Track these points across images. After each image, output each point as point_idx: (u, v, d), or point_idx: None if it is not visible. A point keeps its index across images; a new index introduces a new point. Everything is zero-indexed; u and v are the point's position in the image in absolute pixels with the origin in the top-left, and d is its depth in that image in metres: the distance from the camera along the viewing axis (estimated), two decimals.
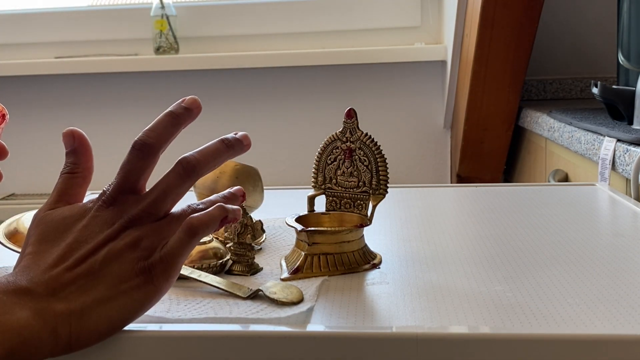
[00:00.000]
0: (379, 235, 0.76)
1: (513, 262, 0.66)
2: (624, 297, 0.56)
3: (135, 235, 0.51)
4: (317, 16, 2.09)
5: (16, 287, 0.47)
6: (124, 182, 0.53)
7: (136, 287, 0.50)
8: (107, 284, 0.49)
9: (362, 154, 0.67)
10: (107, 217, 0.52)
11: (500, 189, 1.02)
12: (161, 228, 0.52)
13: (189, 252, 0.52)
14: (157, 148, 0.53)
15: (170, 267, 0.51)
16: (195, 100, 0.55)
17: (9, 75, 2.08)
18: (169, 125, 0.54)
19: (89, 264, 0.49)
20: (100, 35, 2.13)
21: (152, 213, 0.52)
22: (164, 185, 0.53)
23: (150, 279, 0.50)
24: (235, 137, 0.56)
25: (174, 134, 0.54)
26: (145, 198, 0.52)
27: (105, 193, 0.53)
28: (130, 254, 0.50)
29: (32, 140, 2.14)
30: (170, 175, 0.53)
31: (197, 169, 0.53)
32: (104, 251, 0.50)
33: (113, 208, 0.52)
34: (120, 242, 0.50)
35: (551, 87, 1.98)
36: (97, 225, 0.51)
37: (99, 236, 0.51)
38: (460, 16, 1.76)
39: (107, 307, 0.49)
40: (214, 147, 0.55)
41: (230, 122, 2.07)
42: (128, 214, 0.52)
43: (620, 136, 1.10)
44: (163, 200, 0.52)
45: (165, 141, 0.54)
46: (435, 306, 0.55)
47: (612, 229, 0.81)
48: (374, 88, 2.06)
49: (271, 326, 0.51)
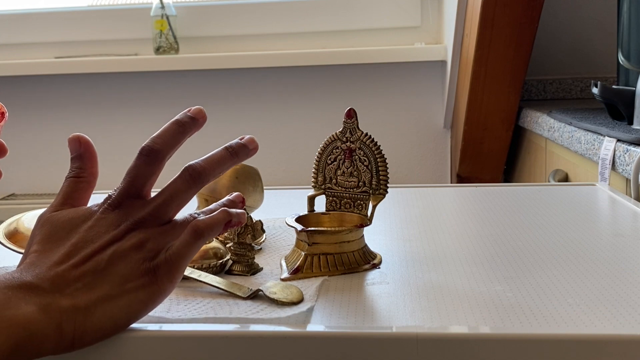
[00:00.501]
0: (379, 235, 0.76)
1: (513, 262, 0.66)
2: (624, 297, 0.56)
3: (140, 237, 0.52)
4: (317, 16, 2.09)
5: (22, 283, 0.48)
6: (130, 186, 0.54)
7: (141, 287, 0.50)
8: (112, 282, 0.50)
9: (362, 154, 0.67)
10: (113, 219, 0.53)
11: (500, 189, 1.02)
12: (166, 232, 0.53)
13: (193, 255, 0.53)
14: (163, 154, 0.55)
15: (175, 268, 0.52)
16: (201, 110, 0.57)
17: (9, 75, 2.08)
18: (176, 133, 0.55)
19: (95, 262, 0.50)
20: (100, 35, 2.13)
21: (158, 217, 0.53)
22: (170, 190, 0.54)
23: (155, 280, 0.51)
24: (240, 143, 0.57)
25: (180, 141, 0.56)
26: (152, 202, 0.54)
27: (111, 197, 0.54)
28: (136, 254, 0.51)
29: (32, 140, 2.14)
30: (176, 182, 0.54)
31: (202, 177, 0.55)
32: (110, 250, 0.51)
33: (119, 211, 0.53)
34: (126, 242, 0.51)
35: (551, 87, 1.98)
36: (103, 226, 0.52)
37: (105, 236, 0.51)
38: (460, 16, 1.76)
39: (112, 305, 0.49)
40: (219, 155, 0.56)
41: (230, 122, 2.07)
42: (134, 217, 0.53)
43: (620, 136, 1.10)
44: (169, 205, 0.54)
45: (172, 148, 0.55)
46: (435, 306, 0.55)
47: (612, 229, 0.81)
48: (374, 88, 2.06)
49: (271, 326, 0.51)
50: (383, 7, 2.07)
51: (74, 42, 2.14)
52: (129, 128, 2.12)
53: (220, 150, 0.57)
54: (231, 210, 0.55)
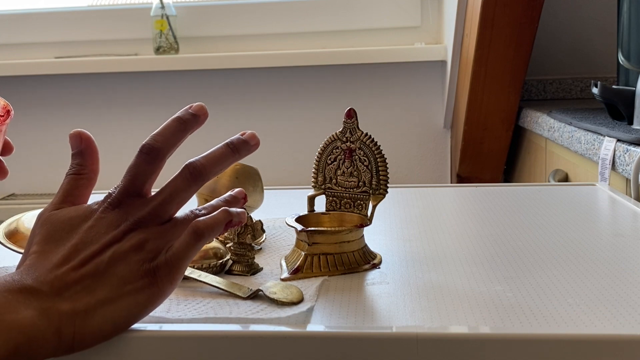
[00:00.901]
0: (379, 235, 0.76)
1: (513, 262, 0.66)
2: (624, 297, 0.56)
3: (140, 238, 0.51)
4: (317, 16, 2.09)
5: (21, 286, 0.48)
6: (130, 185, 0.53)
7: (140, 289, 0.50)
8: (112, 285, 0.49)
9: (362, 154, 0.67)
10: (113, 218, 0.52)
11: (500, 189, 1.02)
12: (166, 231, 0.53)
13: (193, 255, 0.53)
14: (164, 152, 0.54)
15: (175, 269, 0.51)
16: (202, 107, 0.56)
17: (9, 75, 2.08)
18: (177, 131, 0.55)
19: (95, 264, 0.50)
20: (100, 35, 2.13)
21: (158, 216, 0.53)
22: (170, 189, 0.54)
23: (155, 281, 0.51)
24: (241, 139, 0.57)
25: (181, 139, 0.55)
26: (152, 201, 0.53)
27: (111, 195, 0.53)
28: (136, 255, 0.51)
29: (32, 140, 2.14)
30: (177, 180, 0.54)
31: (203, 174, 0.54)
32: (110, 252, 0.50)
33: (119, 210, 0.53)
34: (126, 243, 0.51)
35: (551, 87, 1.98)
36: (102, 226, 0.52)
37: (104, 237, 0.51)
38: (460, 16, 1.76)
39: (112, 308, 0.49)
40: (220, 151, 0.55)
41: (230, 122, 2.07)
42: (134, 216, 0.52)
43: (620, 136, 1.10)
44: (169, 204, 0.53)
45: (172, 146, 0.54)
46: (435, 306, 0.55)
47: (612, 229, 0.81)
48: (374, 88, 2.07)
49: (271, 326, 0.51)
50: (383, 7, 2.07)
51: (74, 42, 2.14)
52: (129, 128, 2.12)
53: (221, 146, 0.56)
54: (232, 210, 0.55)
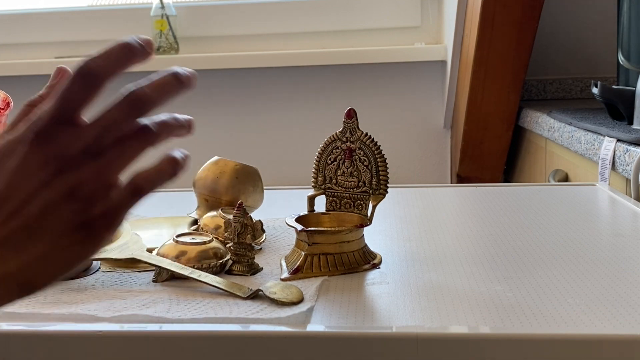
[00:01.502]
0: (379, 235, 0.76)
1: (513, 262, 0.66)
2: (624, 297, 0.56)
3: (72, 182, 0.46)
4: (317, 16, 2.09)
5: None
6: (60, 111, 0.46)
7: (77, 242, 0.46)
8: (45, 241, 0.45)
9: (362, 154, 0.67)
10: (40, 157, 0.45)
11: (500, 189, 1.02)
12: (102, 170, 0.47)
13: (133, 208, 0.48)
14: (103, 78, 0.47)
15: (113, 222, 0.47)
16: (150, 42, 0.49)
17: (9, 75, 2.08)
18: (122, 57, 0.48)
19: (24, 217, 0.45)
20: (100, 35, 2.13)
21: (91, 152, 0.46)
22: (106, 121, 0.47)
23: (92, 234, 0.46)
24: (187, 74, 0.51)
25: (123, 68, 0.48)
26: (84, 133, 0.46)
27: (38, 123, 0.46)
28: (69, 205, 0.45)
29: None
30: (113, 111, 0.47)
31: (146, 105, 0.49)
32: (39, 202, 0.45)
33: (47, 145, 0.46)
34: (57, 191, 0.45)
35: (551, 87, 1.98)
36: (29, 167, 0.45)
37: (32, 180, 0.45)
38: (460, 16, 1.76)
39: (47, 263, 0.46)
40: (165, 80, 0.50)
41: (230, 122, 2.07)
42: (64, 153, 0.46)
43: (620, 136, 1.10)
44: (104, 137, 0.47)
45: (114, 74, 0.48)
46: (435, 306, 0.55)
47: (612, 229, 0.81)
48: (374, 88, 2.06)
49: (271, 326, 0.51)
50: (383, 7, 2.07)
51: (74, 42, 2.14)
52: None
53: (166, 74, 0.50)
54: (177, 157, 0.49)
